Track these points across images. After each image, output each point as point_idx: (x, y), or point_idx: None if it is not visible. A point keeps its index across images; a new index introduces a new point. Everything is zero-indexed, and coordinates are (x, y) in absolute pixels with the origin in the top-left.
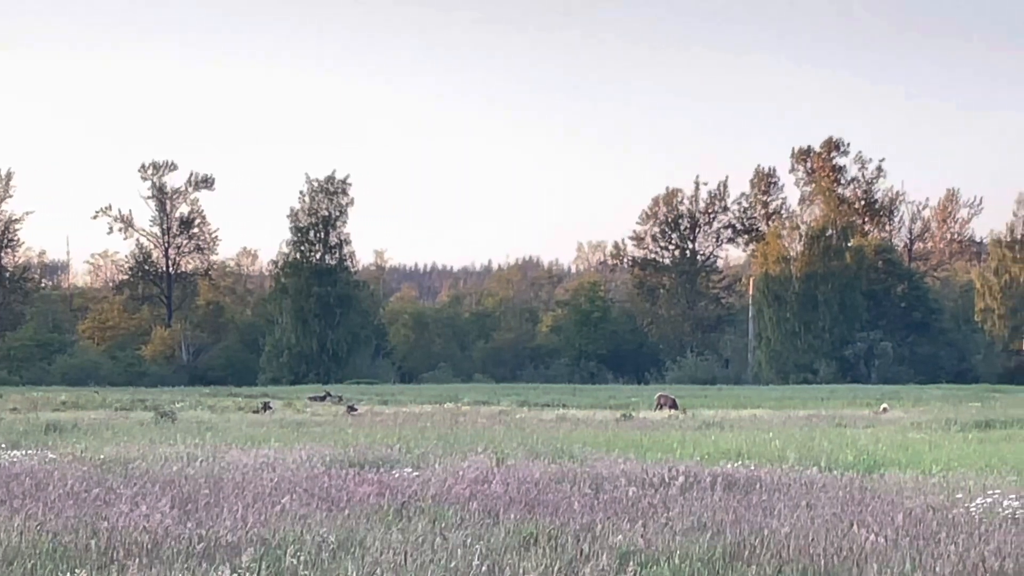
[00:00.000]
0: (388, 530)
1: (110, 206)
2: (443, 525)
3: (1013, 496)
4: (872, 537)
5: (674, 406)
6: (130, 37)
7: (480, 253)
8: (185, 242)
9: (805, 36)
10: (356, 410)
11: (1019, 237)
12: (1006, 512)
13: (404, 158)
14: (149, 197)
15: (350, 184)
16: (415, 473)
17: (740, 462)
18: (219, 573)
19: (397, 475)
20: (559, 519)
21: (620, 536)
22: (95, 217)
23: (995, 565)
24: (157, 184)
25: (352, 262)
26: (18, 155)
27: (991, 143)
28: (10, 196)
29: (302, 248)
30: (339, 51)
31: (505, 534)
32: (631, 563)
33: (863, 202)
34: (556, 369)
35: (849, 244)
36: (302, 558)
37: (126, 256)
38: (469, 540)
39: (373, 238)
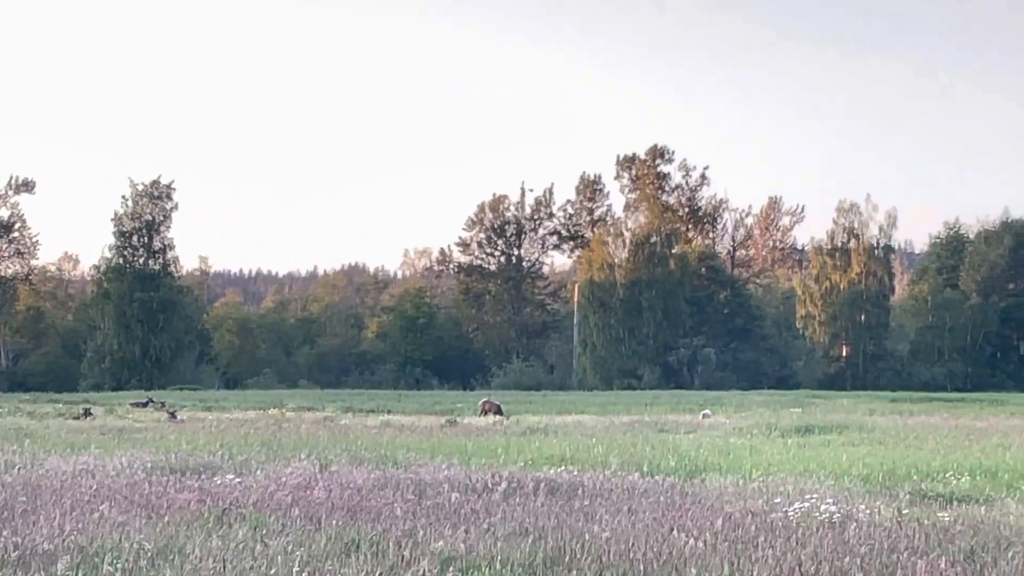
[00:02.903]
0: (208, 537)
1: None
2: (264, 532)
3: (830, 500)
4: (691, 542)
5: (499, 412)
6: None
7: (305, 259)
8: (4, 246)
9: (630, 43)
10: (177, 416)
11: (839, 244)
12: (823, 516)
13: (228, 163)
14: None
15: (174, 189)
16: (237, 479)
17: (563, 468)
18: None
19: (219, 482)
20: (381, 525)
21: (442, 542)
22: None
23: (811, 569)
24: None
25: (176, 267)
26: None
27: (813, 151)
28: None
29: (125, 253)
30: (163, 52)
31: (327, 540)
32: (452, 568)
33: (687, 209)
34: (382, 375)
35: (673, 251)
36: (120, 566)
37: None
38: (290, 547)
39: (197, 243)
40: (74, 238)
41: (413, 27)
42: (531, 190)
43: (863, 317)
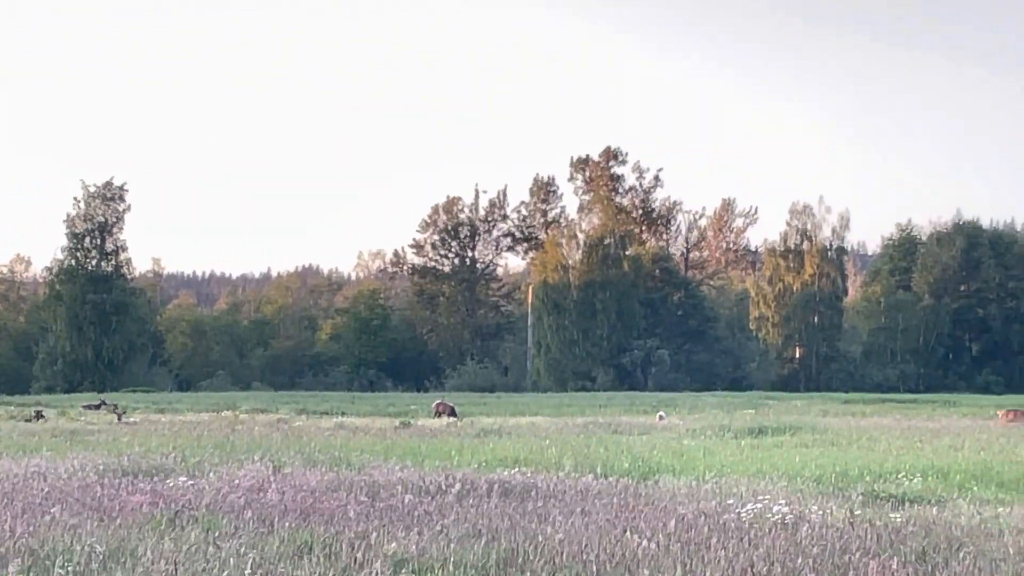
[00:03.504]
0: (160, 539)
1: None
2: (217, 534)
3: (783, 501)
4: (644, 543)
5: (452, 413)
6: None
7: (259, 260)
8: None
9: (580, 42)
10: (123, 418)
11: (792, 246)
12: (775, 517)
13: (182, 164)
14: None
15: (127, 190)
16: (190, 482)
17: (517, 469)
18: None
19: (171, 484)
20: (334, 527)
21: (395, 544)
22: None
23: (764, 570)
24: None
25: (128, 269)
26: None
27: (766, 153)
28: None
29: (77, 255)
30: (115, 53)
31: (280, 543)
32: (405, 570)
33: (641, 211)
34: (335, 377)
35: (627, 252)
36: (71, 568)
37: None
38: (243, 549)
39: (150, 245)
40: (26, 240)
41: (367, 29)
42: (485, 192)
43: (816, 319)
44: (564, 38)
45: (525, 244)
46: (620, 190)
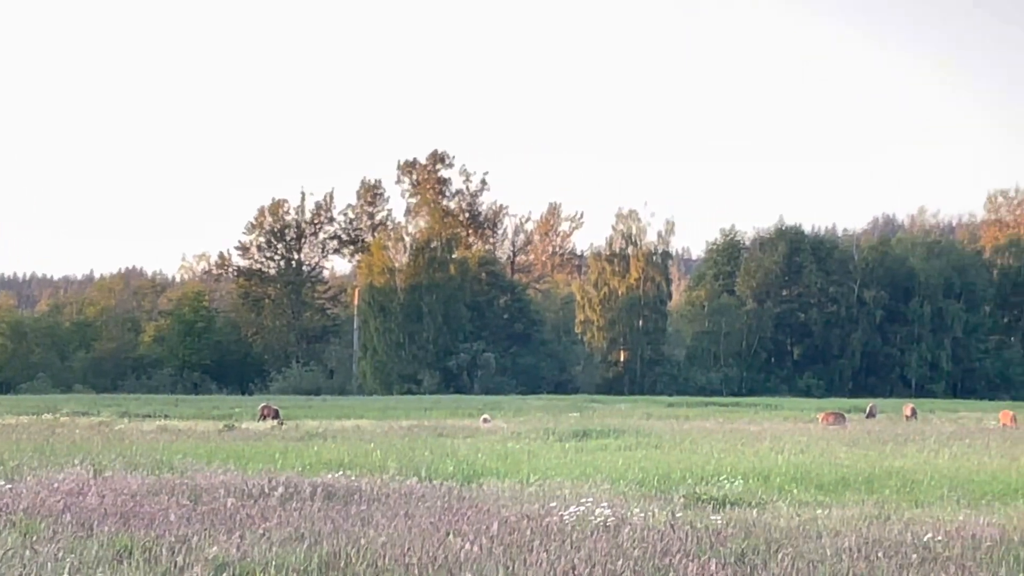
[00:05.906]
0: None
1: None
2: (34, 538)
3: (605, 504)
4: (467, 546)
5: (276, 416)
6: None
7: (81, 262)
8: None
9: (406, 44)
10: None
11: (617, 251)
12: (598, 520)
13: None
14: None
15: None
16: (7, 486)
17: (341, 472)
18: None
19: None
20: (155, 531)
21: (216, 548)
22: None
23: (585, 572)
24: None
25: None
26: None
27: (593, 159)
28: None
29: None
30: None
31: (99, 547)
32: (226, 574)
33: (467, 214)
34: (159, 379)
35: (453, 256)
36: None
37: None
38: (61, 553)
39: None
40: None
41: (192, 28)
42: (311, 194)
43: (641, 322)
44: (390, 40)
45: (352, 247)
46: (447, 193)
